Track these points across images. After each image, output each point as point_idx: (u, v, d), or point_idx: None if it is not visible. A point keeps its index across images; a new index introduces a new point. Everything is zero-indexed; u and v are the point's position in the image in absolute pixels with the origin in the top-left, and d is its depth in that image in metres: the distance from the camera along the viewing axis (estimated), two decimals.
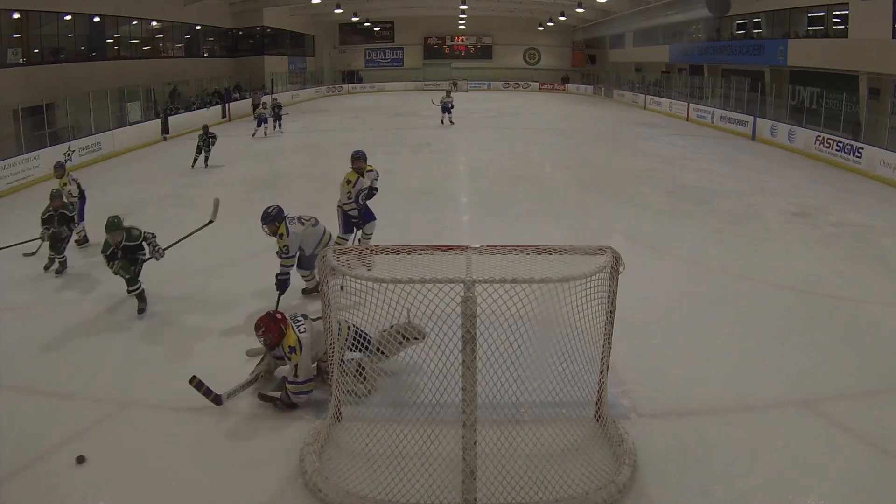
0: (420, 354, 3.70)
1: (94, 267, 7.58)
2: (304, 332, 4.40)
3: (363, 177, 7.00)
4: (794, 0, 19.21)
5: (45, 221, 7.22)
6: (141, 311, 6.15)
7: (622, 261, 3.87)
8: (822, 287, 6.85)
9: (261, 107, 20.34)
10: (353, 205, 6.98)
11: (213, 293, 6.71)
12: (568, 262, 3.78)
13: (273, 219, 5.85)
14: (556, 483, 3.58)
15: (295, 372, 4.29)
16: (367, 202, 7.16)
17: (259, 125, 18.99)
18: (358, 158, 7.05)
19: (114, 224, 5.92)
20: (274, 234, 5.87)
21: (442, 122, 20.78)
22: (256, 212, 6.05)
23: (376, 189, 7.19)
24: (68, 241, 7.48)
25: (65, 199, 7.51)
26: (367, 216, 7.16)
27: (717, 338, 5.62)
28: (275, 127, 19.97)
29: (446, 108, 20.70)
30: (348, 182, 6.95)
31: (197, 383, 4.37)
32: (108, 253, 5.99)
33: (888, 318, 6.10)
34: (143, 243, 6.17)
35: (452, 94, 21.66)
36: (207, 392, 4.37)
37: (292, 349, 4.26)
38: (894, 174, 12.37)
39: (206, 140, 14.10)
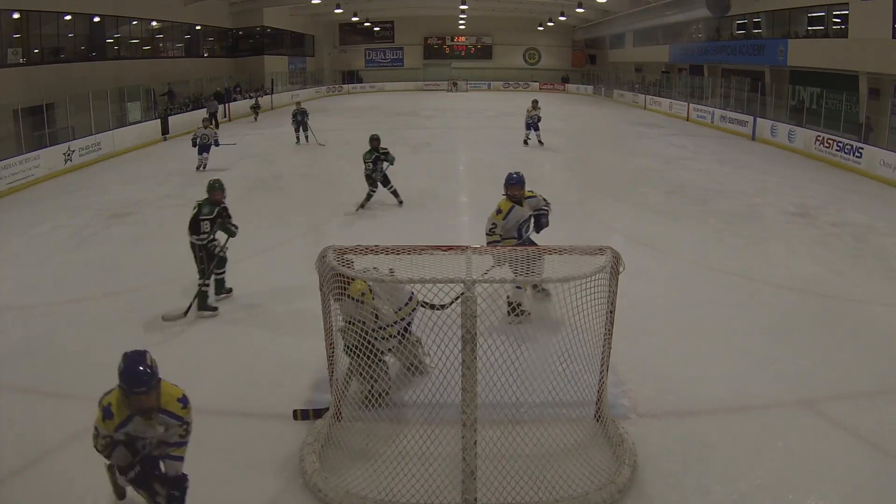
0: (419, 354, 3.70)
1: (94, 268, 7.58)
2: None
3: (520, 205, 5.83)
4: (794, 0, 19.22)
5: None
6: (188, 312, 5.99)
7: (622, 261, 3.87)
8: (822, 287, 6.85)
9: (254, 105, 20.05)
10: (500, 239, 5.77)
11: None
12: (568, 262, 3.78)
13: None
14: (556, 483, 3.58)
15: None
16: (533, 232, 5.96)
17: (298, 130, 17.48)
18: (513, 185, 5.80)
19: (220, 184, 6.25)
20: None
21: (526, 141, 16.55)
22: (257, 212, 6.05)
23: (546, 214, 5.92)
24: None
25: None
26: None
27: (717, 338, 5.62)
28: (306, 138, 17.58)
29: (533, 125, 16.29)
30: (499, 213, 5.80)
31: (302, 414, 4.27)
32: (212, 216, 6.10)
33: (888, 318, 6.10)
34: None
35: (539, 107, 16.57)
36: (315, 413, 4.28)
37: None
38: (894, 174, 12.37)
39: (303, 117, 15.12)
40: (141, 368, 3.04)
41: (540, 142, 16.39)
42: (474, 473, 3.38)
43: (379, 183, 10.04)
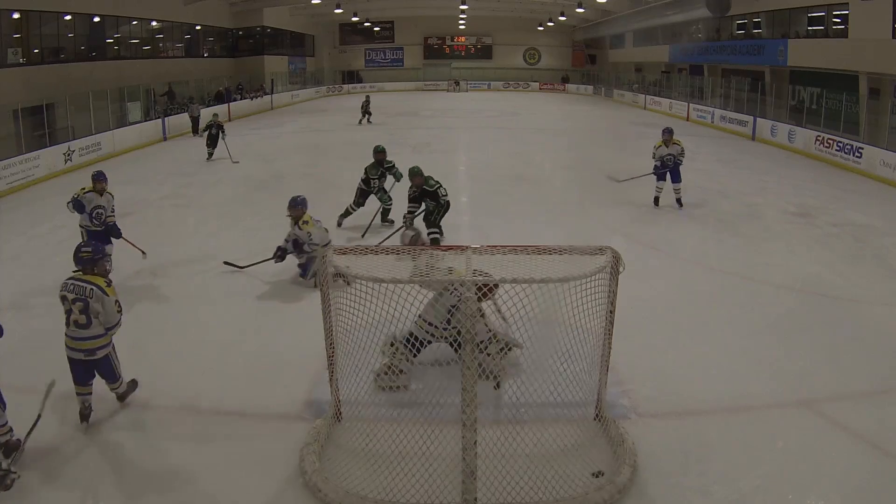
0: (420, 354, 3.70)
1: None
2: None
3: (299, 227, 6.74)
4: (794, 0, 19.22)
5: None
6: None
7: (622, 261, 3.87)
8: (822, 287, 6.85)
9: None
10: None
11: (214, 292, 6.71)
12: (568, 262, 3.78)
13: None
14: (556, 483, 3.58)
15: None
16: None
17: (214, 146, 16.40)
18: (296, 207, 6.94)
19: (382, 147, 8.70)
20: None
21: (657, 200, 10.10)
22: (257, 212, 6.05)
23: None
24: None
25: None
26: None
27: (717, 338, 5.62)
28: (368, 120, 21.83)
29: (671, 169, 9.76)
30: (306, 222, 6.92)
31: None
32: (378, 175, 8.66)
33: (888, 318, 6.09)
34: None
35: (680, 141, 9.88)
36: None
37: None
38: (894, 174, 12.37)
39: (218, 131, 15.00)
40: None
41: (679, 201, 9.95)
42: (474, 473, 3.38)
43: (367, 201, 9.08)
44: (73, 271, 4.33)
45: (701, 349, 5.39)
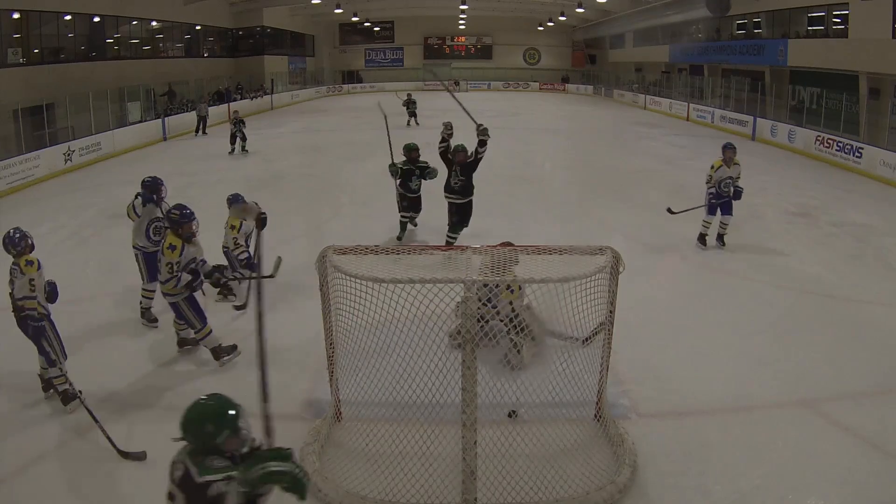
0: (420, 354, 3.70)
1: (94, 268, 7.58)
2: None
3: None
4: (794, 0, 19.21)
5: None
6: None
7: (622, 261, 3.87)
8: (822, 287, 6.85)
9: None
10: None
11: (213, 293, 6.70)
12: (568, 262, 3.78)
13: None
14: (556, 483, 3.58)
15: None
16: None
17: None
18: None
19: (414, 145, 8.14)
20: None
21: (703, 238, 8.06)
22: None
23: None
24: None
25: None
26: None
27: (717, 338, 5.62)
28: (416, 122, 20.60)
29: (722, 200, 8.10)
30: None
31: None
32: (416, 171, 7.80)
33: (888, 318, 6.09)
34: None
35: (738, 162, 8.01)
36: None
37: None
38: (894, 174, 12.37)
39: (238, 126, 15.61)
40: None
41: (721, 238, 8.19)
42: (474, 473, 3.38)
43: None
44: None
45: (701, 349, 5.39)
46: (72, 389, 4.37)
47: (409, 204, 8.13)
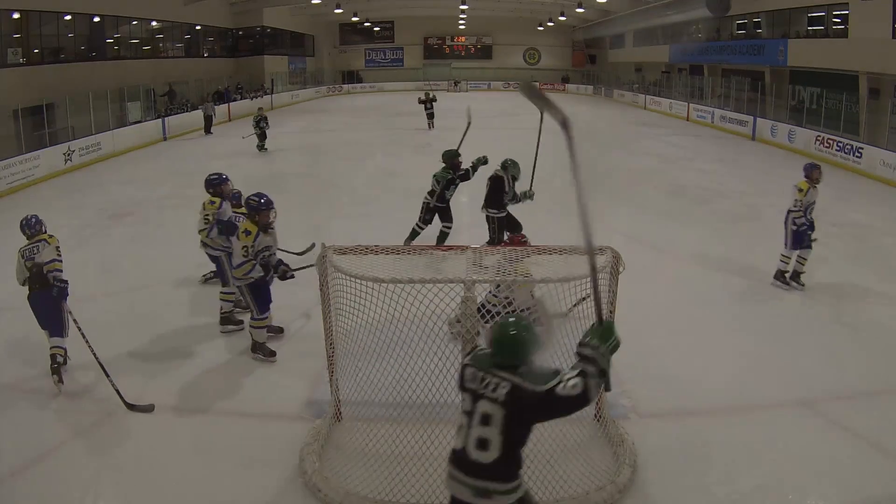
0: (420, 354, 3.70)
1: (94, 268, 7.58)
2: None
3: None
4: (794, 0, 19.21)
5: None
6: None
7: (622, 261, 3.87)
8: (821, 287, 6.85)
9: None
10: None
11: (213, 292, 6.69)
12: (568, 262, 3.78)
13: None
14: (556, 483, 3.58)
15: None
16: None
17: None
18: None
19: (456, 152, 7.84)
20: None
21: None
22: None
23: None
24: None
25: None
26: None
27: (717, 338, 5.62)
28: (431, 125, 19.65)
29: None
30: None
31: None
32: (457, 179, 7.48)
33: (888, 318, 6.09)
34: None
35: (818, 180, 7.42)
36: None
37: None
38: (894, 174, 12.37)
39: (259, 122, 15.80)
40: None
41: (798, 277, 6.83)
42: None
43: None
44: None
45: (701, 349, 5.39)
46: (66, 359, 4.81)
47: (442, 214, 7.71)
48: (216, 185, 6.14)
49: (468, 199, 11.32)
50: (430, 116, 19.76)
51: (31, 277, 4.84)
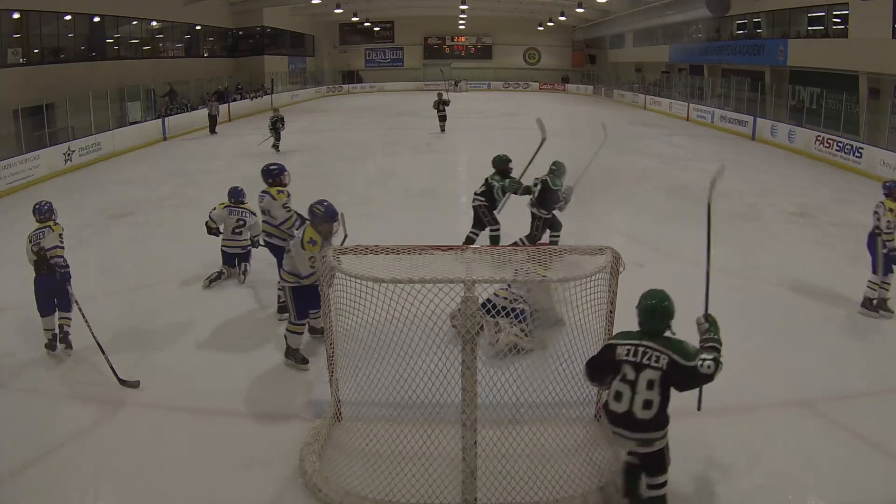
0: (420, 354, 3.70)
1: (94, 268, 7.58)
2: None
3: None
4: (794, 0, 19.21)
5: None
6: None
7: (622, 261, 3.87)
8: (822, 287, 6.85)
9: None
10: None
11: (213, 292, 6.71)
12: (568, 262, 3.78)
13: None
14: (556, 483, 3.58)
15: None
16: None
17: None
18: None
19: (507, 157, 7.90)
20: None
21: None
22: (258, 212, 6.04)
23: None
24: None
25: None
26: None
27: None
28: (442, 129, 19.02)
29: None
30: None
31: None
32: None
33: (888, 318, 6.09)
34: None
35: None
36: None
37: None
38: (894, 174, 12.35)
39: (276, 123, 15.73)
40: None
41: (885, 303, 6.15)
42: (474, 473, 3.38)
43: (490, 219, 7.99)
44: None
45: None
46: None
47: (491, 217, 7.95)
48: (276, 175, 6.04)
49: (467, 199, 11.33)
50: (443, 119, 19.22)
51: (37, 261, 5.18)
